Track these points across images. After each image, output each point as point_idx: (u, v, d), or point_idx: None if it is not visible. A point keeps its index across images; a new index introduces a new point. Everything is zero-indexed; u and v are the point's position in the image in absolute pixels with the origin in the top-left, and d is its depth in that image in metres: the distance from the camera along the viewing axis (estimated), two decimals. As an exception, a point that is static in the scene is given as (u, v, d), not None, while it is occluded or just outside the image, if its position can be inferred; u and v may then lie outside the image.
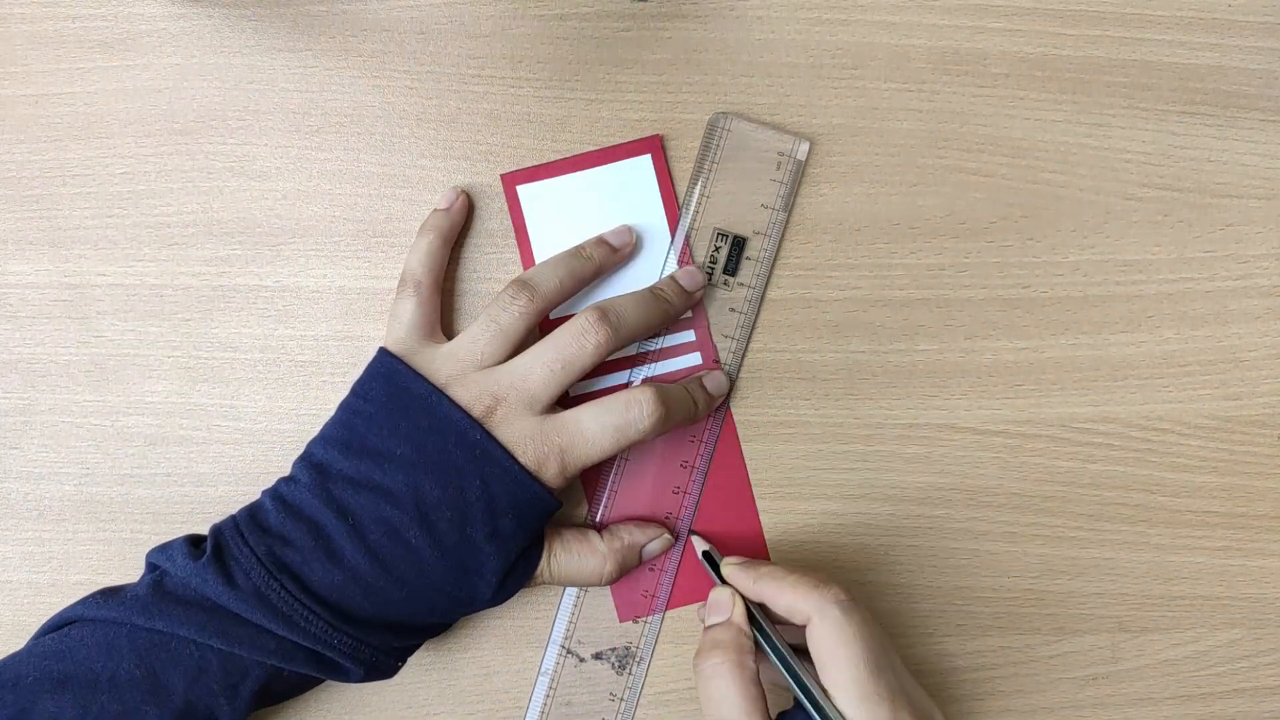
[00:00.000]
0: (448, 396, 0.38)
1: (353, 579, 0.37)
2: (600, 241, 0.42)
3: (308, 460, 0.39)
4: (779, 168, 0.43)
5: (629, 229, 0.43)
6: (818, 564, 0.44)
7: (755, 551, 0.44)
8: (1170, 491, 0.44)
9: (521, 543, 0.39)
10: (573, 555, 0.41)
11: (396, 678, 0.44)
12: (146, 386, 0.44)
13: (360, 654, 0.38)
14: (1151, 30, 0.44)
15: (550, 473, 0.39)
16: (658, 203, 0.44)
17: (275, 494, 0.38)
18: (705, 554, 0.42)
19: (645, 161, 0.43)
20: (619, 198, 0.43)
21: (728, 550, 0.44)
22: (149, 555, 0.38)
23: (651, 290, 0.42)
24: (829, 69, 0.44)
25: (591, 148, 0.44)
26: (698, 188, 0.43)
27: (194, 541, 0.38)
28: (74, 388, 0.44)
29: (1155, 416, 0.44)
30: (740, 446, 0.44)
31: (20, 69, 0.44)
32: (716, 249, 0.43)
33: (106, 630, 0.36)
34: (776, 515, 0.44)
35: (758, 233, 0.43)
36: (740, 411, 0.44)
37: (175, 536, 0.39)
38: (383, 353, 0.40)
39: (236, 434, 0.44)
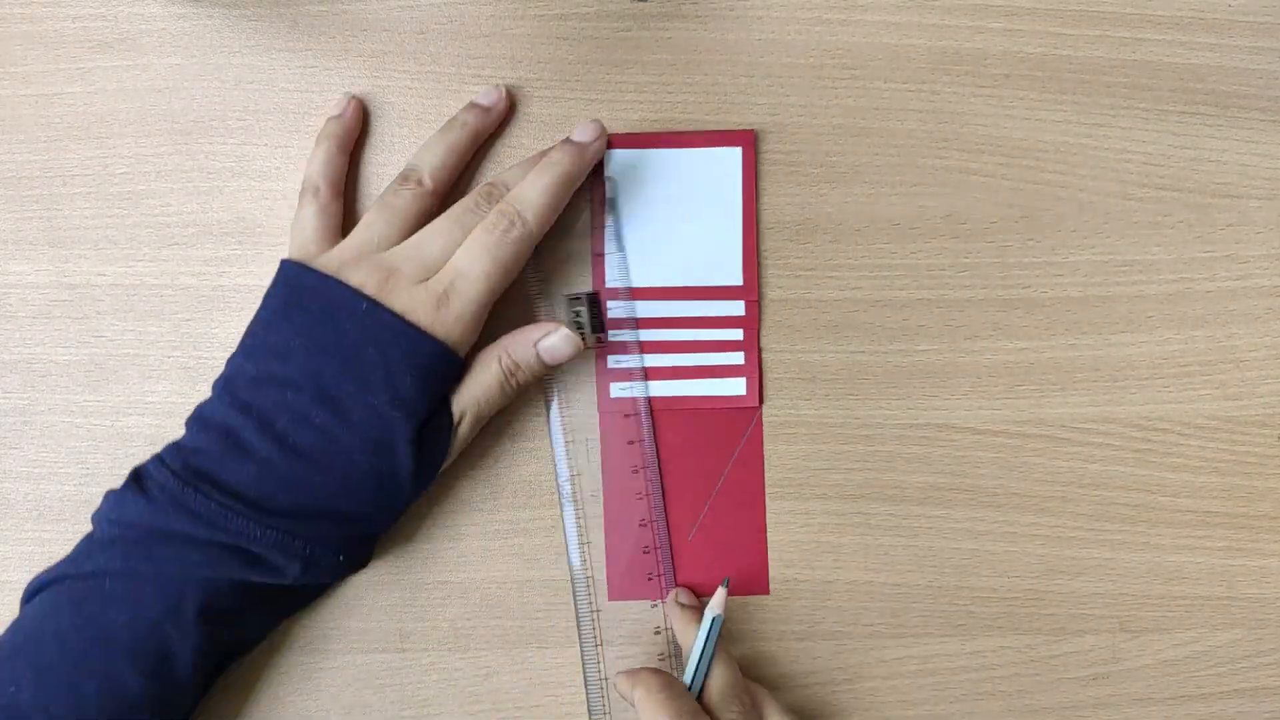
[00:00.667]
0: (338, 279, 0.39)
1: (267, 469, 0.37)
2: (470, 105, 0.42)
3: (220, 377, 0.39)
4: (593, 214, 0.43)
5: (497, 87, 0.43)
6: (818, 564, 0.44)
7: (756, 552, 0.44)
8: (1170, 491, 0.44)
9: (428, 404, 0.39)
10: (469, 379, 0.40)
11: (398, 678, 0.44)
12: (146, 386, 0.44)
13: (289, 547, 0.37)
14: (1151, 30, 0.44)
15: (447, 323, 0.38)
16: (738, 197, 0.43)
17: (191, 415, 0.39)
18: (715, 619, 0.40)
19: (735, 154, 0.43)
20: (701, 184, 0.43)
21: (730, 555, 0.44)
22: (91, 517, 0.39)
23: (545, 161, 0.41)
24: (829, 69, 0.44)
25: (591, 148, 0.44)
26: (527, 269, 0.43)
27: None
28: (74, 388, 0.44)
29: (1155, 416, 0.44)
30: (762, 448, 0.44)
31: (20, 69, 0.44)
32: (576, 313, 0.43)
33: (49, 592, 0.37)
34: (776, 515, 0.44)
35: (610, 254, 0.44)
36: (740, 411, 0.44)
37: None
38: (283, 261, 0.40)
39: (236, 434, 0.44)
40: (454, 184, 0.43)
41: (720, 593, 0.41)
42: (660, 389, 0.44)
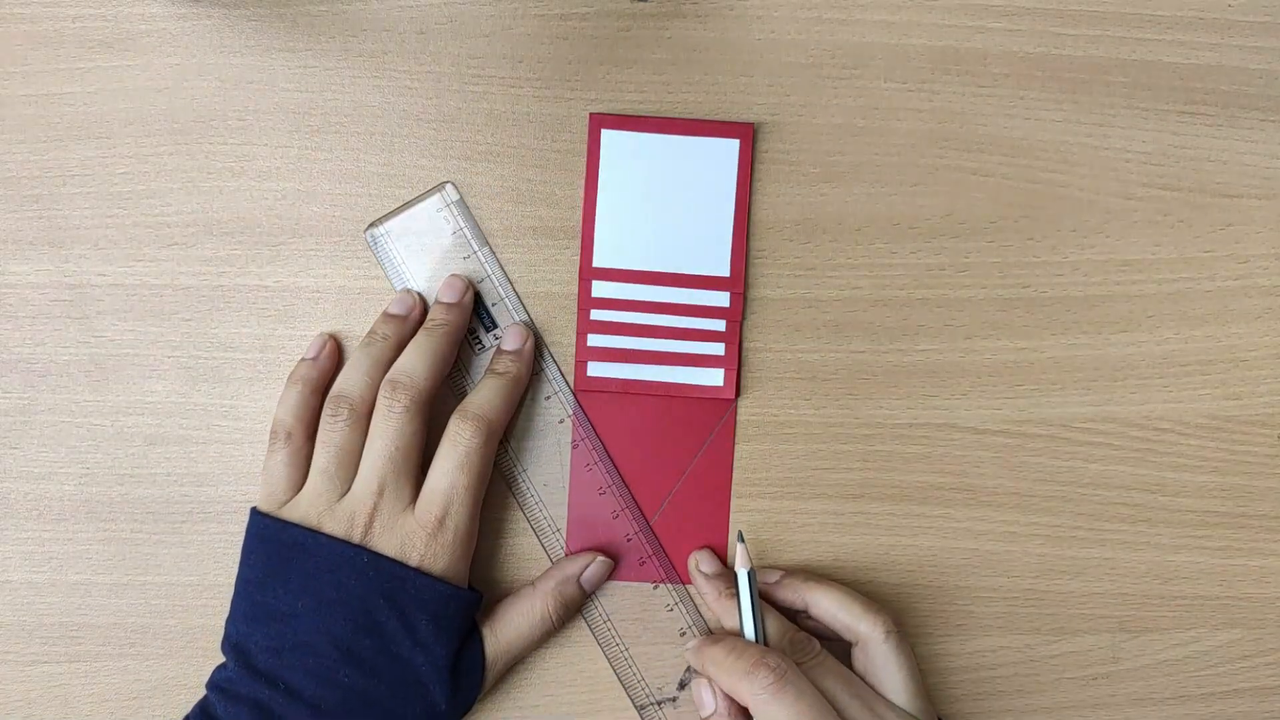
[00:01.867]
0: (324, 534, 0.39)
1: None
2: (386, 317, 0.42)
3: (228, 643, 0.40)
4: (446, 220, 0.43)
5: (409, 292, 0.43)
6: (818, 564, 0.44)
7: (716, 545, 0.44)
8: (1170, 491, 0.44)
9: (451, 641, 0.40)
10: (510, 617, 0.42)
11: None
12: (146, 386, 0.44)
13: None
14: (1151, 30, 0.44)
15: (445, 556, 0.39)
16: (732, 188, 0.44)
17: (214, 685, 0.40)
18: (749, 573, 0.40)
19: (732, 146, 0.43)
20: (697, 172, 0.43)
21: (692, 542, 0.44)
22: None
23: (422, 330, 0.42)
24: (829, 69, 0.44)
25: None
26: (410, 280, 0.43)
27: None
28: (74, 388, 0.44)
29: (1155, 416, 0.44)
30: (733, 442, 0.44)
31: (20, 69, 0.44)
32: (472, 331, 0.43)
33: None
34: (776, 515, 0.44)
35: (481, 280, 0.43)
36: (741, 411, 0.44)
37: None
38: (253, 513, 0.41)
39: (236, 434, 0.44)
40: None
41: (742, 548, 0.41)
42: (637, 373, 0.44)
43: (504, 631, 0.41)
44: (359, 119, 0.44)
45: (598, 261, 0.44)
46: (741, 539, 0.41)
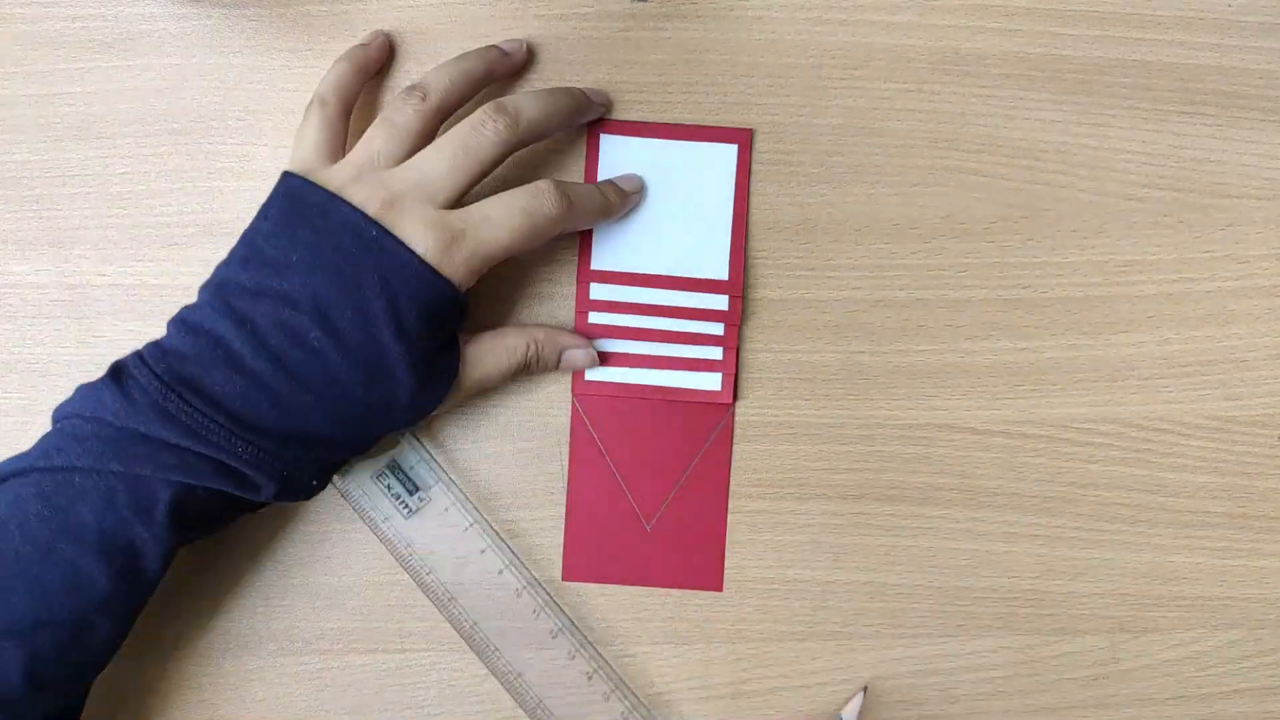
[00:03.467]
0: (342, 198, 0.37)
1: (256, 385, 0.36)
2: (491, 47, 0.42)
3: (209, 281, 0.38)
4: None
5: (520, 41, 0.43)
6: (818, 564, 0.44)
7: (713, 550, 0.44)
8: (1170, 491, 0.44)
9: (431, 341, 0.38)
10: (489, 346, 0.41)
11: (398, 678, 0.44)
12: (146, 386, 0.44)
13: (268, 466, 0.36)
14: (1151, 30, 0.44)
15: (455, 263, 0.37)
16: (730, 193, 0.44)
17: (176, 318, 0.38)
18: None
19: (730, 151, 0.43)
20: (695, 177, 0.43)
21: (690, 547, 0.44)
22: (55, 410, 0.37)
23: (550, 88, 0.42)
24: (829, 69, 0.44)
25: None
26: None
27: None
28: (74, 387, 0.44)
29: (1155, 416, 0.44)
30: (731, 446, 0.44)
31: (20, 69, 0.44)
32: (389, 487, 0.42)
33: (14, 483, 0.35)
34: (776, 515, 0.44)
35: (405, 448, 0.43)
36: (740, 411, 0.44)
37: None
38: (284, 173, 0.39)
39: (236, 434, 0.44)
40: (458, 109, 0.41)
41: (857, 700, 0.42)
42: (635, 377, 0.44)
43: (483, 357, 0.40)
44: (359, 119, 0.44)
45: (596, 264, 0.44)
46: (864, 692, 0.42)
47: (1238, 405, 0.44)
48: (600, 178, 0.44)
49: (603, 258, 0.44)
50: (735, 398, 0.44)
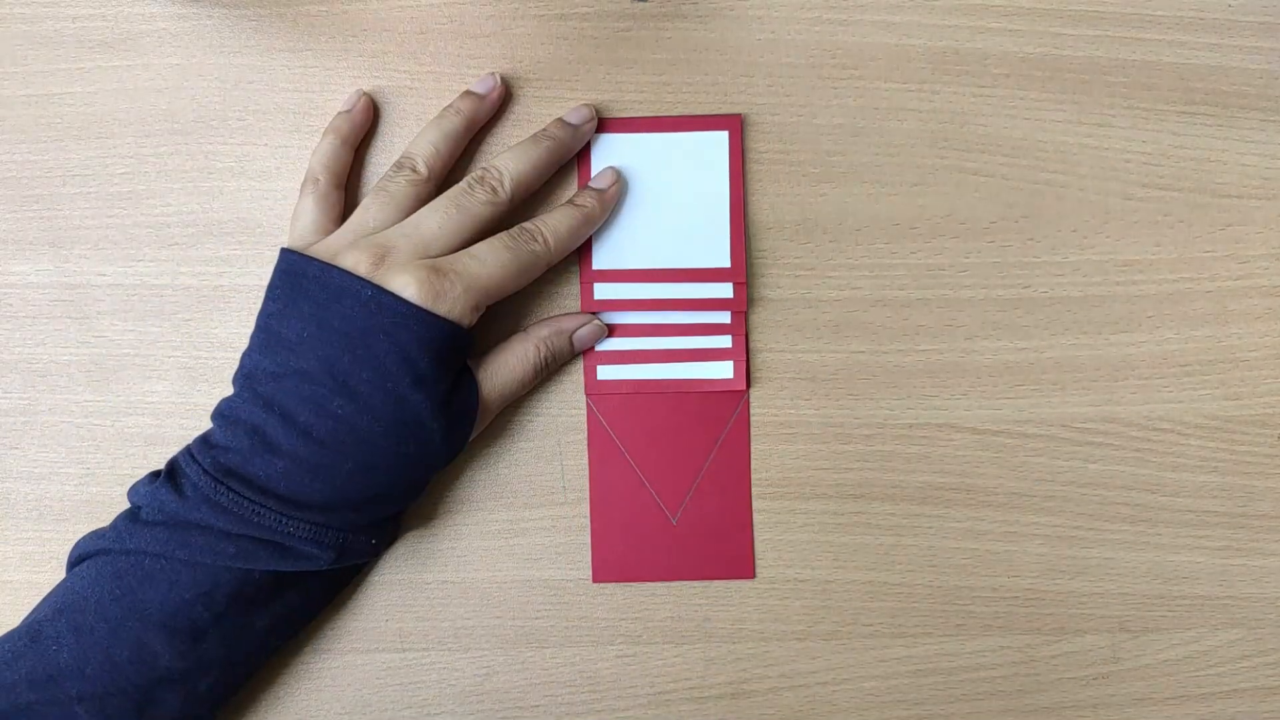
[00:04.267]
0: (335, 265, 0.39)
1: (295, 464, 0.37)
2: (466, 94, 0.42)
3: (240, 373, 0.40)
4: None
5: (492, 75, 0.43)
6: (818, 564, 0.44)
7: (741, 537, 0.44)
8: (1170, 491, 0.44)
9: (447, 378, 0.39)
10: (503, 359, 0.42)
11: (398, 678, 0.44)
12: (146, 386, 0.44)
13: (323, 538, 0.38)
14: (1151, 30, 0.44)
15: (451, 300, 0.38)
16: (724, 181, 0.43)
17: (216, 412, 0.40)
18: None
19: (721, 138, 0.43)
20: (689, 167, 0.43)
21: (717, 537, 0.44)
22: (128, 493, 0.39)
23: (534, 136, 0.42)
24: (829, 69, 0.44)
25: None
26: None
27: (159, 474, 0.40)
28: (74, 388, 0.44)
29: (1155, 416, 0.44)
30: (749, 431, 0.44)
31: (20, 69, 0.44)
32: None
33: (93, 562, 0.38)
34: (776, 515, 0.44)
35: None
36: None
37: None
38: (282, 251, 0.40)
39: (236, 434, 0.44)
40: (450, 171, 0.42)
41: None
42: (647, 372, 0.44)
43: (497, 373, 0.41)
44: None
45: (598, 264, 0.43)
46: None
47: (1237, 405, 0.44)
48: (593, 176, 0.44)
49: (604, 257, 0.44)
50: (749, 384, 0.44)
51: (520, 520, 0.44)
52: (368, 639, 0.44)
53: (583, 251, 0.44)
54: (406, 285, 0.38)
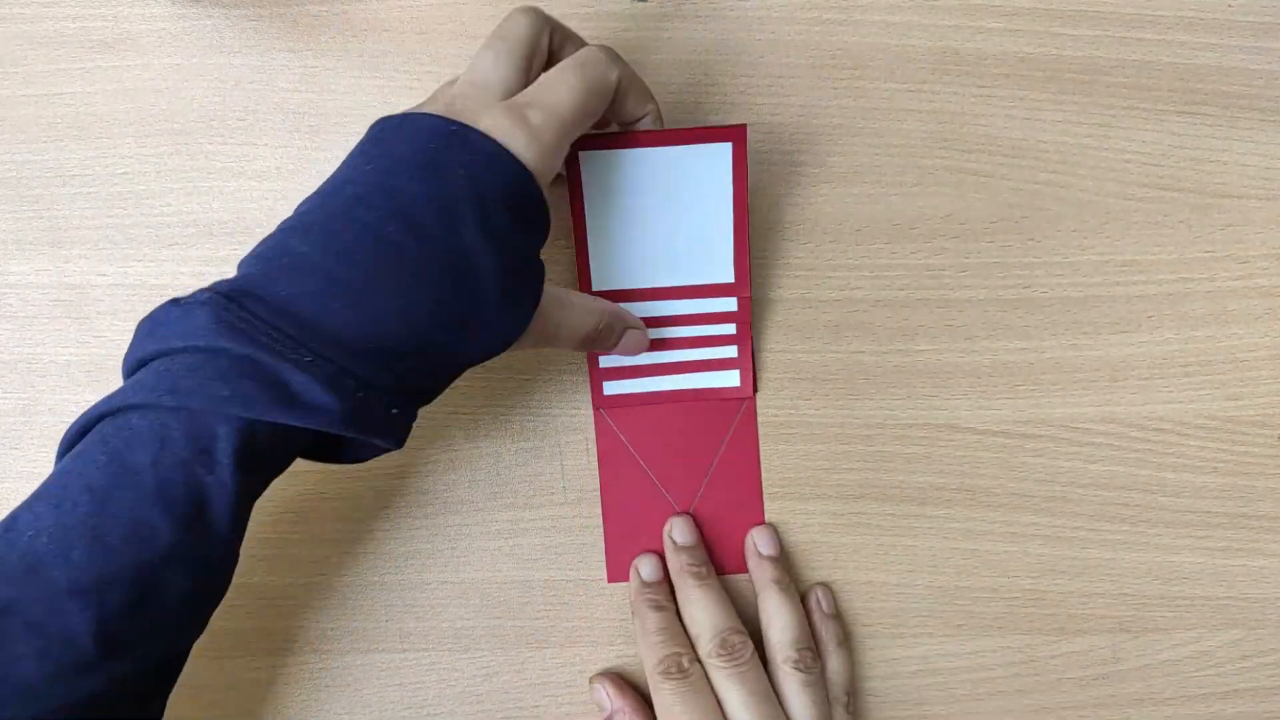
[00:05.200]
0: (418, 111, 0.35)
1: (330, 284, 0.32)
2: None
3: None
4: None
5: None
6: (818, 564, 0.44)
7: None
8: (1170, 491, 0.44)
9: (520, 244, 0.34)
10: (570, 295, 0.38)
11: (398, 678, 0.44)
12: (146, 386, 0.44)
13: (340, 382, 0.31)
14: (1151, 30, 0.44)
15: (530, 135, 0.34)
16: (728, 193, 0.41)
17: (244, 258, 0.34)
18: None
19: (724, 150, 0.40)
20: (689, 182, 0.41)
21: (732, 534, 0.44)
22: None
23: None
24: (829, 69, 0.44)
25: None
26: None
27: None
28: (74, 388, 0.44)
29: (1155, 416, 0.44)
30: (758, 441, 0.44)
31: (20, 69, 0.44)
32: None
33: (90, 434, 0.32)
34: (777, 515, 0.44)
35: None
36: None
37: None
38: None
39: (236, 434, 0.44)
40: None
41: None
42: (654, 385, 0.44)
43: (567, 302, 0.38)
44: (359, 119, 0.44)
45: (596, 285, 0.42)
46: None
47: (1237, 405, 0.44)
48: (586, 196, 0.41)
49: (601, 277, 0.42)
50: (755, 389, 0.44)
51: (520, 520, 0.44)
52: (368, 639, 0.44)
53: (579, 272, 0.42)
54: (493, 127, 0.34)
